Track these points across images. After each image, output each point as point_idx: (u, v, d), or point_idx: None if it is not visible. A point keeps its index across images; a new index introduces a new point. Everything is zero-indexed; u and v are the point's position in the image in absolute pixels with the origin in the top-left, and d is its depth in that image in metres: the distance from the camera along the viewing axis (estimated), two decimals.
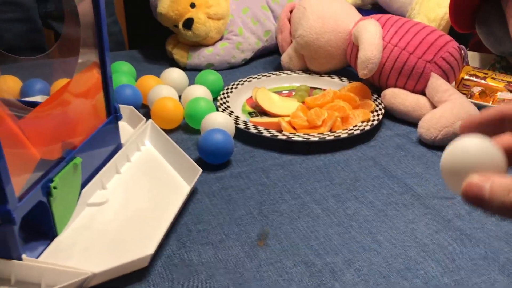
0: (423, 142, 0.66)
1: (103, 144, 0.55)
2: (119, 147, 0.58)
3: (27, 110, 0.45)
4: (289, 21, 0.85)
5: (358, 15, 0.80)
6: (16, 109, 0.45)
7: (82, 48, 0.51)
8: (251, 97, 0.77)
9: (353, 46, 0.76)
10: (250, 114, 0.73)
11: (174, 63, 0.90)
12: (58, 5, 1.06)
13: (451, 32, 0.86)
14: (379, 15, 0.77)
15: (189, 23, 0.83)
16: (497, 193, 0.29)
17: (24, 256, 0.42)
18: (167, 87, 0.70)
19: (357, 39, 0.72)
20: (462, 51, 0.72)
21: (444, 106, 0.66)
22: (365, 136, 0.67)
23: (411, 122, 0.70)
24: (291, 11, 0.85)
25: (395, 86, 0.73)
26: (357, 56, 0.74)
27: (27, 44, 1.02)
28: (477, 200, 0.29)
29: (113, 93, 0.55)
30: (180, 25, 0.84)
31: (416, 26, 0.72)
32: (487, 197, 0.29)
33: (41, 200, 0.43)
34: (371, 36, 0.69)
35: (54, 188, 0.44)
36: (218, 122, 0.62)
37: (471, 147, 0.29)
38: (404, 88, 0.72)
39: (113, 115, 0.56)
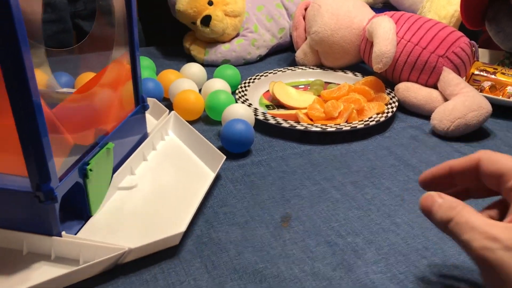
0: (436, 133, 0.68)
1: (132, 132, 0.57)
2: (145, 136, 0.60)
3: (60, 99, 0.47)
4: (304, 18, 0.88)
5: (371, 12, 0.83)
6: (49, 98, 0.48)
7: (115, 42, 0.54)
8: (267, 91, 0.79)
9: (367, 42, 0.79)
10: (267, 107, 0.75)
11: (191, 59, 0.93)
12: (87, 4, 1.08)
13: (461, 29, 0.88)
14: (392, 12, 0.79)
15: (207, 20, 0.86)
16: (442, 208, 0.35)
17: (63, 233, 0.44)
18: (188, 81, 0.73)
19: (372, 34, 0.74)
20: (473, 47, 0.74)
21: (456, 99, 0.68)
22: (380, 128, 0.69)
23: (424, 114, 0.73)
24: (305, 9, 0.88)
25: (408, 80, 0.75)
26: (371, 52, 0.76)
27: (56, 44, 1.04)
28: (426, 210, 0.37)
29: (141, 83, 0.58)
30: (198, 22, 0.87)
31: (428, 22, 0.75)
32: (434, 209, 0.36)
33: (78, 181, 0.46)
34: (386, 32, 0.72)
35: (90, 170, 0.47)
36: (238, 113, 0.65)
37: None
38: (416, 82, 0.75)
39: (141, 105, 0.58)
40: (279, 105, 0.75)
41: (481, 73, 0.79)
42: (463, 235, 0.34)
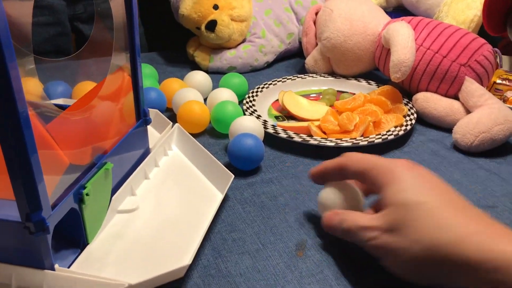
0: (458, 148, 0.64)
1: (133, 148, 0.53)
2: (147, 151, 0.56)
3: (55, 113, 0.43)
4: (314, 23, 0.84)
5: (387, 17, 0.78)
6: (43, 112, 0.43)
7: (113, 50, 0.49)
8: (277, 100, 0.75)
9: (382, 49, 0.74)
10: (276, 118, 0.71)
11: (195, 66, 0.89)
12: (87, 7, 1.05)
13: (480, 35, 0.83)
14: (409, 17, 0.75)
15: (212, 25, 0.81)
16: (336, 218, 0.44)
17: (56, 266, 0.40)
18: (193, 90, 0.69)
19: (389, 41, 0.70)
20: (497, 55, 0.70)
21: (480, 111, 0.63)
22: (398, 142, 0.65)
23: (444, 127, 0.68)
24: (316, 13, 0.83)
25: (426, 90, 0.71)
26: (386, 59, 0.72)
27: (53, 48, 1.01)
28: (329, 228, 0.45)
29: (142, 95, 0.53)
30: (203, 27, 0.82)
31: (449, 28, 0.70)
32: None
33: (73, 207, 0.42)
34: (404, 39, 0.67)
35: (87, 195, 0.42)
36: (247, 126, 0.60)
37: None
38: (436, 92, 0.70)
39: (143, 119, 0.54)
40: (289, 116, 0.71)
41: (504, 82, 0.74)
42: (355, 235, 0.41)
